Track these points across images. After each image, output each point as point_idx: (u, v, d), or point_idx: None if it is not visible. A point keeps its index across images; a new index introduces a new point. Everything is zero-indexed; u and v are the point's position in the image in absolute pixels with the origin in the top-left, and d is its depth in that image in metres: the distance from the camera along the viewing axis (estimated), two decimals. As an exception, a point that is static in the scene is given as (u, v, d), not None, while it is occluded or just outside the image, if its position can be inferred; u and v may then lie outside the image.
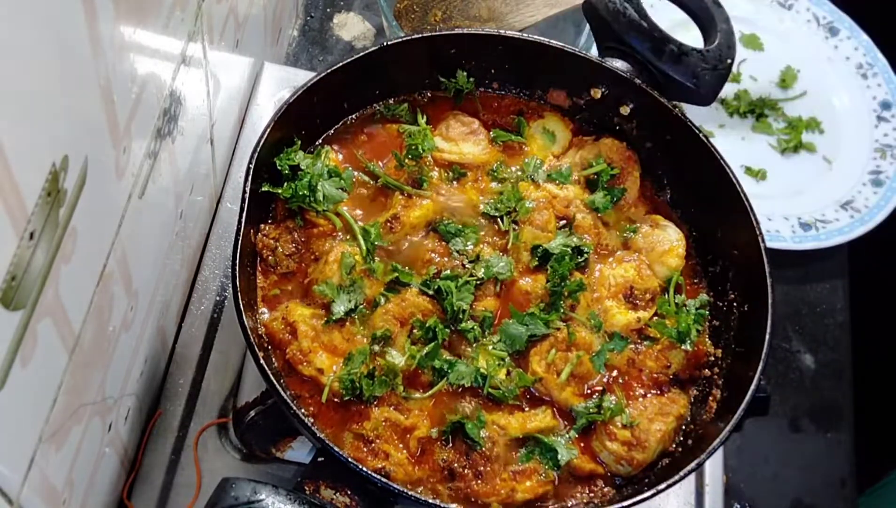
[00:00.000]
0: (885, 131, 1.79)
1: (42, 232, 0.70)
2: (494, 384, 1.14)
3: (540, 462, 1.11)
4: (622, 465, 1.13)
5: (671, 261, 1.26)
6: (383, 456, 1.07)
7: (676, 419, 1.16)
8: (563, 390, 1.15)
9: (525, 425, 1.12)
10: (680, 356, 1.21)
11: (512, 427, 1.12)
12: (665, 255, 1.27)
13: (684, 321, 1.20)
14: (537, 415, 1.14)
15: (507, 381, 1.15)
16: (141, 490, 1.20)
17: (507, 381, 1.15)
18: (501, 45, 1.33)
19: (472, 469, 1.09)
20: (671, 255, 1.27)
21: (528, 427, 1.12)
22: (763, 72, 1.86)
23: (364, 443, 1.08)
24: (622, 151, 1.33)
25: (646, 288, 1.23)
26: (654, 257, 1.27)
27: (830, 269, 1.68)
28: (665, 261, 1.26)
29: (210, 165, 1.34)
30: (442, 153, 1.30)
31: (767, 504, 1.48)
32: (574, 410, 1.15)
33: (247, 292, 1.12)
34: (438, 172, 1.29)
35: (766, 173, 1.73)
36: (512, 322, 1.17)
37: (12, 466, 0.77)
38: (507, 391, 1.13)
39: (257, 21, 1.46)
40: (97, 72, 0.77)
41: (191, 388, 1.28)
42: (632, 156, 1.33)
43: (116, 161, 0.87)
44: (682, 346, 1.20)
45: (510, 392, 1.13)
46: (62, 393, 0.84)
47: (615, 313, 1.21)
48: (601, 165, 1.31)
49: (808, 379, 1.59)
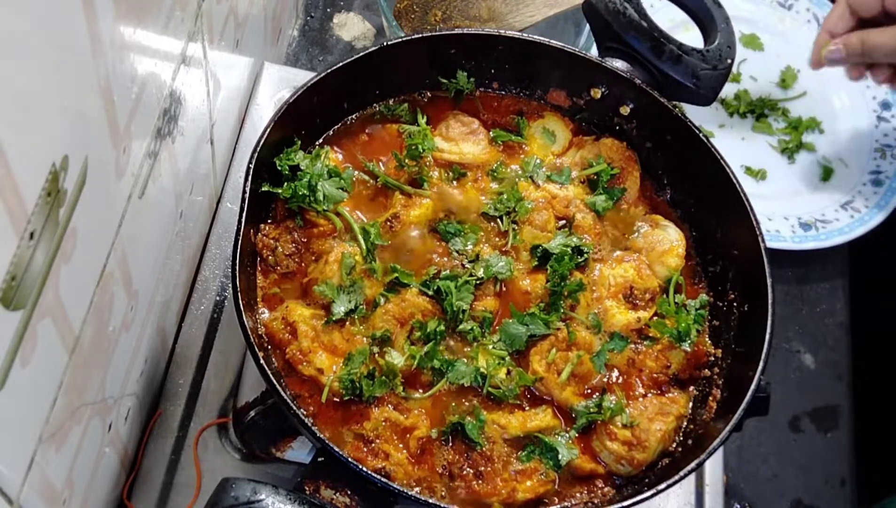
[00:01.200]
0: (885, 131, 1.79)
1: (42, 232, 0.70)
2: (494, 383, 1.14)
3: (541, 462, 1.11)
4: (622, 465, 1.13)
5: (671, 261, 1.26)
6: (383, 456, 1.07)
7: (676, 418, 1.16)
8: (564, 389, 1.15)
9: (525, 424, 1.12)
10: (680, 357, 1.21)
11: (512, 427, 1.12)
12: (665, 255, 1.27)
13: (684, 321, 1.20)
14: (538, 414, 1.14)
15: (507, 380, 1.14)
16: (141, 490, 1.20)
17: (507, 380, 1.14)
18: (501, 46, 1.33)
19: (473, 468, 1.09)
20: (671, 255, 1.27)
21: (529, 427, 1.12)
22: (763, 72, 1.86)
23: (364, 443, 1.08)
24: (622, 150, 1.33)
25: (646, 288, 1.23)
26: (654, 257, 1.27)
27: (830, 269, 1.68)
28: (665, 261, 1.26)
29: (210, 165, 1.34)
30: (442, 153, 1.30)
31: (767, 504, 1.48)
32: (574, 409, 1.15)
33: (247, 292, 1.12)
34: (439, 172, 1.29)
35: (766, 173, 1.73)
36: (512, 322, 1.17)
37: (12, 466, 0.77)
38: (507, 391, 1.13)
39: (257, 21, 1.46)
40: (97, 72, 0.77)
41: (191, 388, 1.28)
42: (632, 156, 1.33)
43: (116, 161, 0.87)
44: (682, 346, 1.20)
45: (510, 392, 1.13)
46: (62, 393, 0.84)
47: (615, 313, 1.21)
48: (601, 165, 1.31)
49: (808, 379, 1.59)
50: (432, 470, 1.10)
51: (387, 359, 1.12)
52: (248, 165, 1.13)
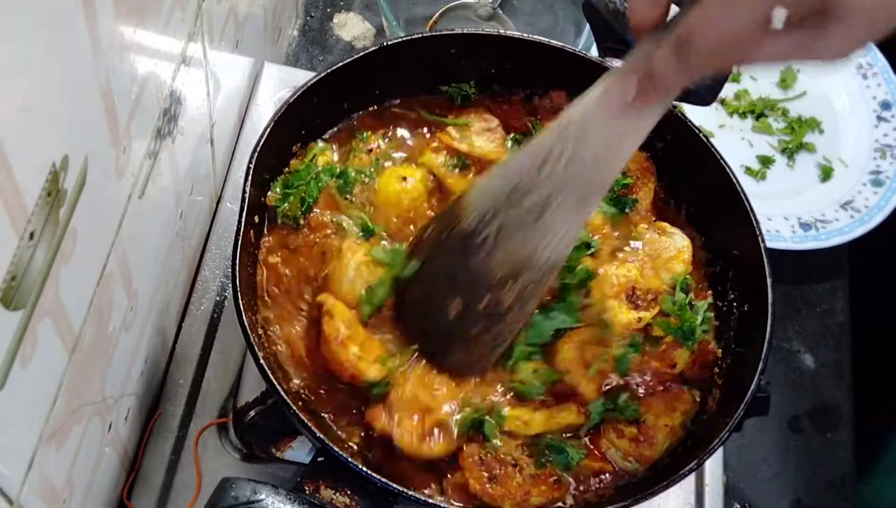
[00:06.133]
0: (885, 131, 1.79)
1: (42, 232, 0.70)
2: (521, 378, 1.13)
3: (554, 469, 1.11)
4: (630, 462, 1.14)
5: (677, 267, 1.26)
6: (397, 421, 1.07)
7: (682, 414, 1.16)
8: (591, 383, 1.15)
9: (549, 421, 1.12)
10: (685, 356, 1.21)
11: (536, 423, 1.12)
12: (671, 261, 1.26)
13: (689, 320, 1.20)
14: (562, 412, 1.13)
15: (534, 377, 1.14)
16: (141, 490, 1.20)
17: (534, 377, 1.14)
18: (501, 46, 1.33)
19: (487, 471, 1.09)
20: (677, 261, 1.26)
21: (552, 424, 1.12)
22: (763, 72, 1.86)
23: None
24: (640, 160, 1.32)
25: (648, 288, 1.23)
26: (660, 263, 1.26)
27: (830, 269, 1.68)
28: (671, 268, 1.26)
29: (210, 165, 1.34)
30: (452, 141, 1.30)
31: (767, 504, 1.48)
32: (590, 407, 1.15)
33: (247, 292, 1.12)
34: (444, 157, 1.29)
35: (766, 173, 1.73)
36: (538, 314, 1.17)
37: (12, 466, 0.77)
38: (534, 388, 1.13)
39: (257, 21, 1.46)
40: (97, 72, 0.77)
41: (191, 388, 1.28)
42: (649, 167, 1.32)
43: (116, 161, 0.87)
44: (686, 344, 1.20)
45: (536, 390, 1.13)
46: (62, 393, 0.84)
47: (616, 313, 1.21)
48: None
49: (808, 379, 1.59)
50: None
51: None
52: (248, 165, 1.13)
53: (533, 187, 0.99)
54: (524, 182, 0.99)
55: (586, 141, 0.95)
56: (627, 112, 0.91)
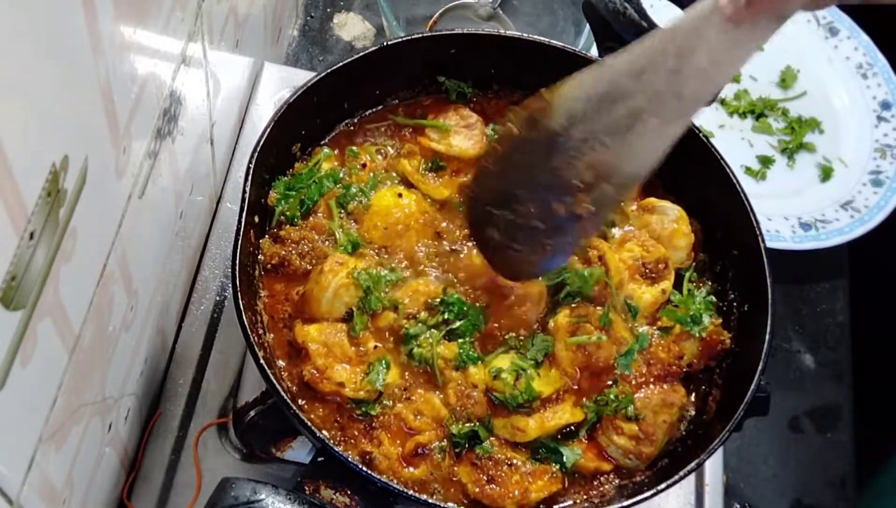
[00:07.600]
0: (885, 131, 1.79)
1: (42, 232, 0.70)
2: (498, 387, 1.12)
3: (550, 464, 1.11)
4: (630, 459, 1.14)
5: (680, 241, 1.26)
6: (377, 443, 1.07)
7: (679, 408, 1.16)
8: (567, 350, 1.14)
9: (544, 425, 1.12)
10: (693, 346, 1.20)
11: (531, 429, 1.11)
12: (673, 237, 1.26)
13: (694, 307, 1.20)
14: (556, 412, 1.13)
15: (511, 387, 1.12)
16: (141, 490, 1.20)
17: (511, 387, 1.12)
18: (501, 46, 1.33)
19: (485, 474, 1.09)
20: (678, 235, 1.26)
21: (549, 426, 1.12)
22: (763, 72, 1.86)
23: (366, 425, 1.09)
24: None
25: (656, 258, 1.22)
26: (664, 243, 1.26)
27: (830, 269, 1.68)
28: (675, 243, 1.25)
29: (210, 165, 1.34)
30: (430, 142, 1.30)
31: (767, 504, 1.48)
32: (584, 405, 1.15)
33: (247, 292, 1.12)
34: (416, 162, 1.29)
35: (766, 173, 1.73)
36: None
37: (12, 466, 0.77)
38: (510, 397, 1.12)
39: (257, 21, 1.46)
40: (97, 72, 0.77)
41: (191, 388, 1.28)
42: None
43: (116, 161, 0.87)
44: (694, 331, 1.19)
45: (513, 399, 1.12)
46: (62, 393, 0.84)
47: (641, 294, 1.21)
48: None
49: (808, 379, 1.59)
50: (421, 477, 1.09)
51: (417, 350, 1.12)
52: (248, 165, 1.14)
53: (628, 95, 0.96)
54: (620, 88, 0.96)
55: (692, 53, 0.92)
56: (740, 21, 0.88)
